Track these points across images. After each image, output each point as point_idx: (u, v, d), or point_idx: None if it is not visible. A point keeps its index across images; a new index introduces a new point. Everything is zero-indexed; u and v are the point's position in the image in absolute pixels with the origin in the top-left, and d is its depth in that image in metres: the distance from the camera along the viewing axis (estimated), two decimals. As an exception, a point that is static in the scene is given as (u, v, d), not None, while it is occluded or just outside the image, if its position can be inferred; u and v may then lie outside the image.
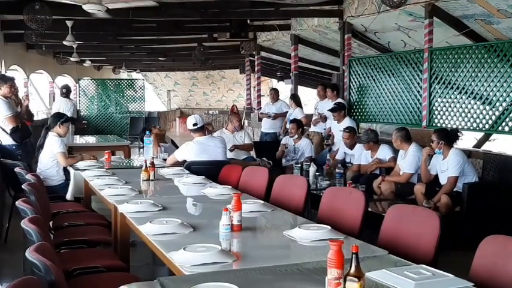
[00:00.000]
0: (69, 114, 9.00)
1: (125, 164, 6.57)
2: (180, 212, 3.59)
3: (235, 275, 2.39)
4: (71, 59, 13.02)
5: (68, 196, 5.55)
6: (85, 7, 6.39)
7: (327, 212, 3.96)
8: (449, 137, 5.95)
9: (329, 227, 3.17)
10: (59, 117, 6.11)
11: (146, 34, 12.21)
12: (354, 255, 2.12)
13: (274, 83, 20.46)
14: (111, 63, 18.76)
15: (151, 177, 4.96)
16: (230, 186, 4.60)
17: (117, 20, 9.40)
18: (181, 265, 2.50)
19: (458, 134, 6.08)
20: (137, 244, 4.50)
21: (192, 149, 5.94)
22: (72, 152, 7.27)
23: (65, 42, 10.28)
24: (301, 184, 4.46)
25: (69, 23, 9.77)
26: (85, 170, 5.58)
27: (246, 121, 14.37)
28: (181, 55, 15.54)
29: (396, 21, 8.48)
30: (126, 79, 19.88)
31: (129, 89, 18.49)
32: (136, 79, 19.75)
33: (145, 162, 5.05)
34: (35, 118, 13.39)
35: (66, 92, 11.25)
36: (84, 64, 15.91)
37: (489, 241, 2.65)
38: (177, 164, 5.99)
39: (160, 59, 16.17)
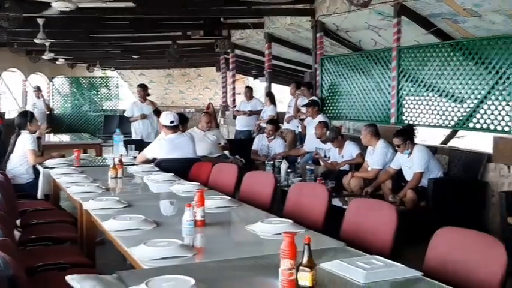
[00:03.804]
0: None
1: (95, 162, 6.56)
2: (145, 209, 3.62)
3: (194, 269, 2.45)
4: (44, 57, 12.88)
5: (39, 195, 5.54)
6: (54, 5, 6.35)
7: (292, 207, 4.03)
8: (409, 134, 6.08)
9: (290, 221, 3.24)
10: (25, 116, 6.08)
11: (119, 32, 12.15)
12: (305, 246, 2.19)
13: (251, 80, 20.52)
14: (85, 61, 18.61)
15: (119, 175, 4.96)
16: (198, 183, 4.64)
17: (88, 17, 9.36)
18: (140, 260, 2.55)
19: (414, 129, 6.23)
20: (106, 242, 4.52)
21: (163, 147, 5.94)
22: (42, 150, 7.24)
23: (36, 40, 10.19)
24: (269, 180, 4.52)
25: (40, 21, 9.68)
26: (54, 168, 5.57)
27: (222, 119, 14.40)
28: (155, 53, 15.49)
29: (366, 20, 8.60)
30: (100, 77, 19.76)
31: (103, 87, 18.41)
32: (110, 77, 19.64)
33: (114, 160, 5.06)
34: (7, 116, 13.29)
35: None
36: (57, 62, 15.76)
37: (441, 233, 2.74)
38: (146, 162, 6.00)
39: (134, 56, 16.09)
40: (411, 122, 7.52)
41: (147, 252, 2.60)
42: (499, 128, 6.37)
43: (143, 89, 9.66)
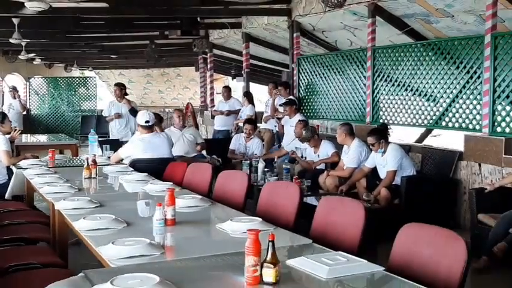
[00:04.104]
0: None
1: (70, 162, 6.53)
2: (116, 209, 3.63)
3: (161, 267, 2.47)
4: (20, 56, 12.77)
5: (6, 195, 5.49)
6: (27, 4, 6.31)
7: (265, 205, 4.06)
8: (383, 133, 6.17)
9: (260, 219, 3.29)
10: None
11: (95, 32, 12.08)
12: (269, 243, 2.24)
13: (231, 80, 20.53)
14: (62, 61, 18.46)
15: (93, 175, 4.96)
16: (171, 183, 4.66)
17: (64, 17, 9.29)
18: (108, 258, 2.56)
19: (388, 127, 6.33)
20: (81, 243, 4.51)
21: (137, 146, 5.93)
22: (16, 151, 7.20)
23: (11, 40, 10.07)
24: (242, 179, 4.55)
25: (15, 21, 9.58)
26: (27, 168, 5.54)
27: (201, 119, 14.40)
28: (133, 52, 15.43)
29: (342, 20, 8.68)
30: (78, 77, 19.62)
31: (81, 87, 18.29)
32: (88, 77, 19.50)
33: (87, 160, 5.06)
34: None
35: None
36: (34, 62, 15.62)
37: (405, 229, 2.80)
38: (121, 161, 6.00)
39: (112, 56, 15.99)
40: (386, 121, 7.62)
41: (115, 251, 2.62)
42: (470, 126, 6.49)
43: (119, 88, 9.52)
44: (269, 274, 2.22)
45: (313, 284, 2.30)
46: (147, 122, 5.89)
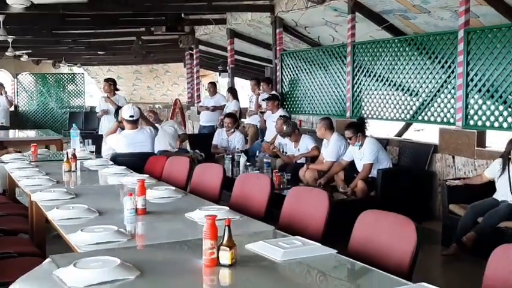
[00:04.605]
0: None
1: (53, 157, 6.62)
2: (91, 200, 3.74)
3: (125, 251, 2.59)
4: (6, 53, 12.82)
5: None
6: (9, 1, 6.38)
7: (238, 196, 4.20)
8: (360, 127, 6.31)
9: (227, 208, 3.42)
10: None
11: (81, 28, 12.15)
12: (226, 228, 2.37)
13: (219, 76, 20.62)
14: (50, 57, 18.48)
15: (73, 169, 5.06)
16: (147, 175, 4.77)
17: (49, 14, 9.36)
18: (76, 245, 2.68)
19: (365, 122, 6.46)
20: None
21: (120, 142, 6.03)
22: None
23: (-3, 37, 10.15)
24: (217, 172, 4.67)
25: (0, 17, 9.66)
26: (9, 162, 5.63)
27: (187, 114, 14.50)
28: (121, 49, 15.49)
29: (323, 16, 8.81)
30: (66, 73, 19.64)
31: (70, 84, 18.34)
32: (77, 73, 19.54)
33: (67, 154, 5.16)
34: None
35: None
36: (22, 59, 15.65)
37: (362, 216, 2.94)
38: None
39: (99, 52, 16.05)
40: (366, 116, 7.77)
41: (83, 237, 2.74)
42: (445, 120, 6.64)
43: (108, 84, 9.49)
44: (225, 256, 2.35)
45: (268, 266, 2.43)
46: (131, 116, 5.94)
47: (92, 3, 7.76)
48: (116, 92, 9.50)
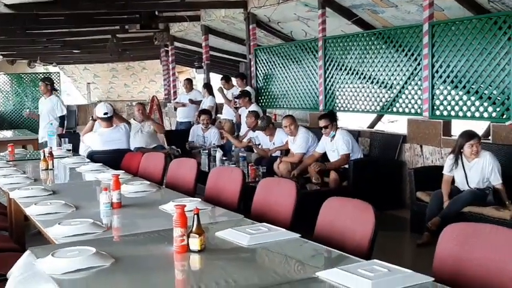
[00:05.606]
0: None
1: (30, 156, 6.70)
2: (68, 195, 3.86)
3: (101, 242, 2.74)
4: (-20, 54, 12.78)
5: None
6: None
7: (212, 189, 4.35)
8: (333, 117, 6.50)
9: (199, 200, 3.58)
10: None
11: (56, 27, 12.14)
12: (195, 216, 2.53)
13: (195, 72, 20.70)
14: (25, 57, 18.36)
15: (50, 167, 5.16)
16: (123, 171, 4.89)
17: (22, 14, 9.38)
18: (54, 237, 2.82)
19: (336, 114, 6.66)
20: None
21: (95, 140, 6.14)
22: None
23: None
24: (192, 166, 4.81)
25: (-28, 18, 9.65)
26: (-14, 163, 5.70)
27: (164, 111, 14.56)
28: (96, 47, 15.48)
29: (295, 11, 8.98)
30: (42, 73, 19.53)
31: (45, 83, 18.21)
32: (52, 72, 19.44)
33: (43, 153, 5.26)
34: None
35: None
36: (-5, 59, 15.57)
37: (326, 203, 3.11)
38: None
39: (74, 51, 16.02)
40: (338, 108, 7.97)
41: (61, 230, 2.88)
42: (412, 111, 6.87)
43: (44, 84, 9.00)
44: (195, 243, 2.50)
45: (235, 250, 2.60)
46: (105, 113, 6.04)
47: (65, 2, 7.81)
48: (53, 92, 9.23)
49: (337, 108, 8.09)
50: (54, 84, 9.41)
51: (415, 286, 2.10)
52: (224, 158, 7.30)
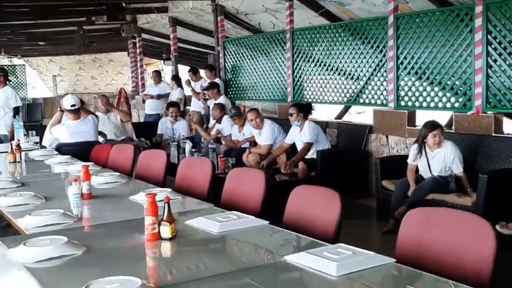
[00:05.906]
0: None
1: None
2: (37, 187, 3.87)
3: (72, 232, 2.76)
4: None
5: None
6: None
7: (181, 180, 4.40)
8: (305, 110, 6.60)
9: (170, 190, 3.63)
10: None
11: (20, 19, 11.92)
12: (165, 205, 2.58)
13: (164, 64, 20.58)
14: (-12, 49, 17.98)
15: (18, 160, 5.13)
16: (92, 163, 4.90)
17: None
18: (25, 228, 2.83)
19: (312, 107, 6.75)
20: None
21: (63, 132, 6.11)
22: None
23: None
24: (161, 157, 4.85)
25: None
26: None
27: (132, 103, 14.47)
28: (62, 39, 15.27)
29: (263, 3, 9.04)
30: (6, 65, 19.15)
31: (10, 76, 17.88)
32: (17, 65, 19.10)
33: (11, 145, 5.22)
34: None
35: None
36: (-42, 51, 15.21)
37: (297, 191, 3.20)
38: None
39: (40, 43, 15.76)
40: (307, 100, 8.08)
41: (31, 221, 2.89)
42: (378, 102, 7.02)
43: None
44: (166, 231, 2.56)
45: (205, 238, 2.66)
46: (73, 105, 6.03)
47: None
48: (7, 83, 9.00)
49: (305, 100, 8.19)
50: (8, 75, 9.10)
51: (378, 267, 2.20)
52: (194, 150, 7.34)
